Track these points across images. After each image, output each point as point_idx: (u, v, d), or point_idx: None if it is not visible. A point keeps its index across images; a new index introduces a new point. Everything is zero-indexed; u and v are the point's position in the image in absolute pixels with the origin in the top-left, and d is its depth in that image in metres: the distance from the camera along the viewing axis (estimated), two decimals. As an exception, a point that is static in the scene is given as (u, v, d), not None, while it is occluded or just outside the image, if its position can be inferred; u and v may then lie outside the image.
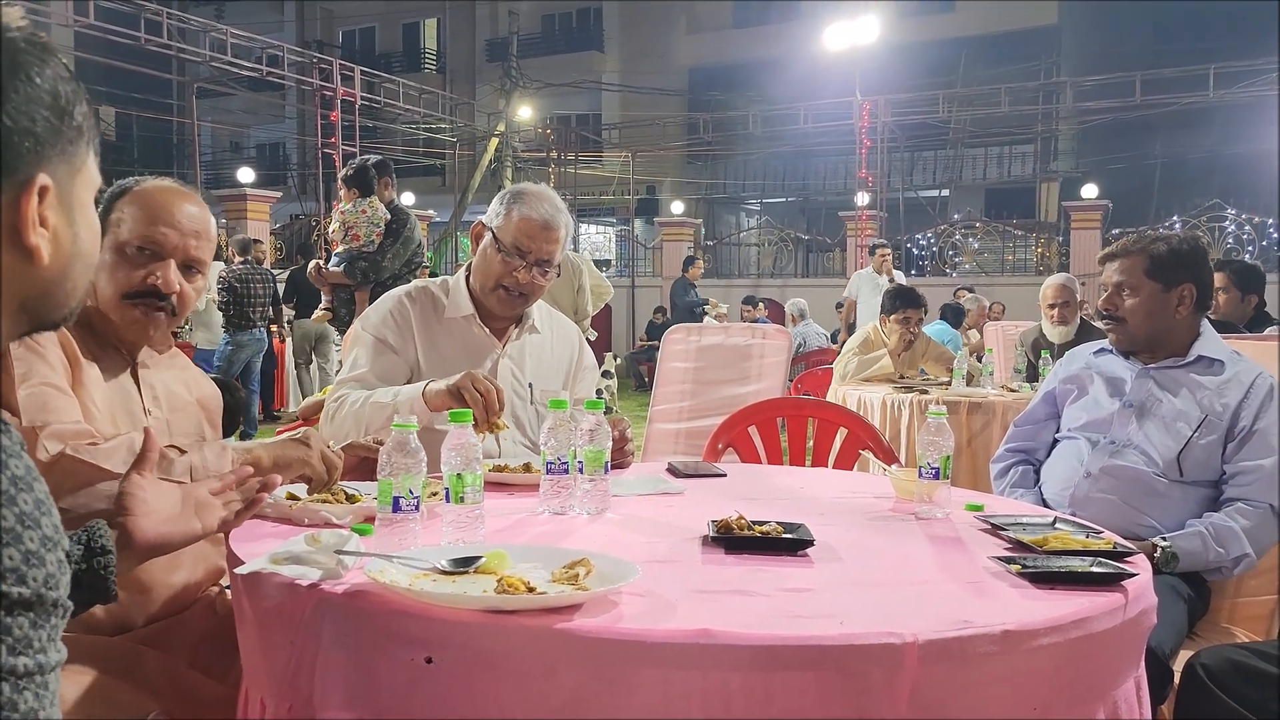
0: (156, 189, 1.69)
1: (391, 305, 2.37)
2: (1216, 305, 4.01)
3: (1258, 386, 2.24)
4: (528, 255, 2.28)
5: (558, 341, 2.53)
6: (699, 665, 1.06)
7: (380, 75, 16.62)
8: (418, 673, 1.13)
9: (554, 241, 2.31)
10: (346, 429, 2.13)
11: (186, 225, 1.67)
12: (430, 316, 2.37)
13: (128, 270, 1.64)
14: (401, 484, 1.39)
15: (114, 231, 1.65)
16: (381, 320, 2.34)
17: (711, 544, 1.51)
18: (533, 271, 2.30)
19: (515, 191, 2.35)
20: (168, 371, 1.80)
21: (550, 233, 2.30)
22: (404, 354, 2.32)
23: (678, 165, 25.52)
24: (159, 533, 1.24)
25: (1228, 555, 2.15)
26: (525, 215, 2.29)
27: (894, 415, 4.28)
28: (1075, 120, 20.20)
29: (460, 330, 2.37)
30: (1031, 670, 1.18)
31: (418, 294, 2.40)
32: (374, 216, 5.47)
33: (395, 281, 5.29)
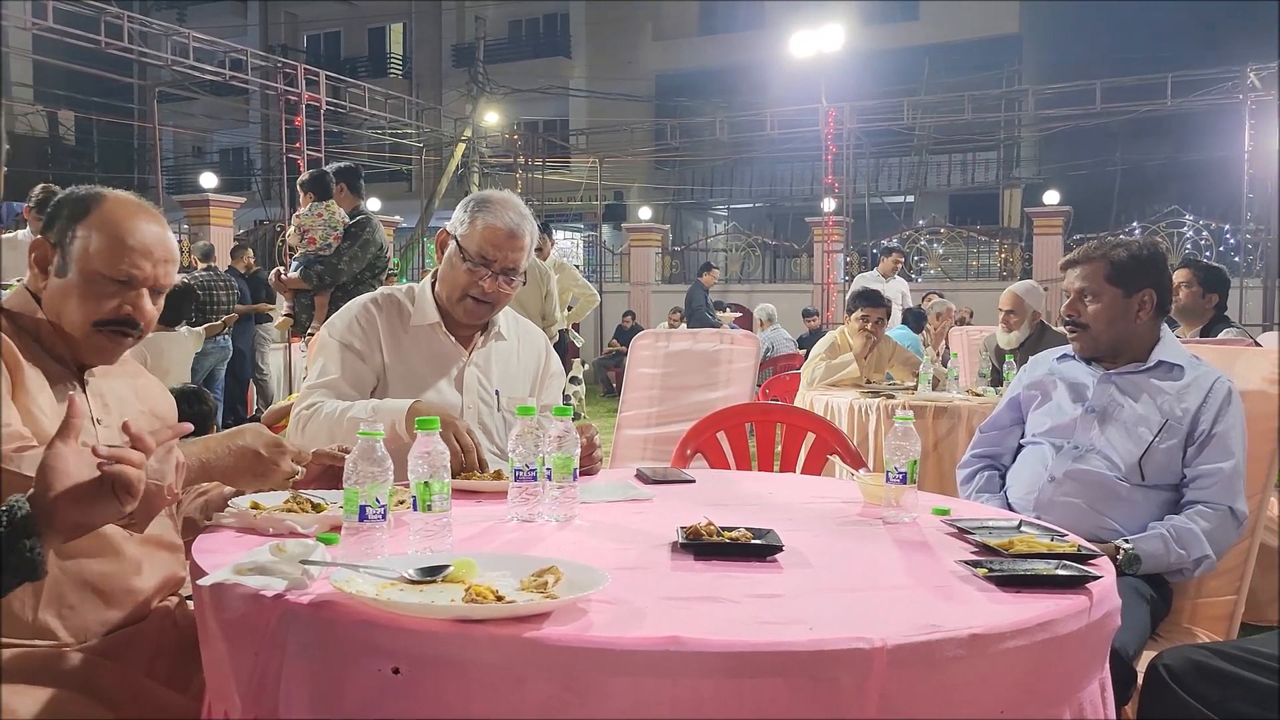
0: (123, 213, 1.66)
1: (357, 312, 2.35)
2: (1177, 299, 4.08)
3: (1216, 391, 2.28)
4: (493, 264, 2.27)
5: (524, 348, 2.52)
6: (669, 673, 1.06)
7: (345, 80, 16.48)
8: (385, 683, 1.11)
9: (519, 250, 2.30)
10: (319, 440, 2.10)
11: (158, 253, 1.67)
12: (396, 324, 2.35)
13: (98, 300, 1.63)
14: (368, 492, 1.37)
15: (83, 258, 1.62)
16: (348, 326, 2.32)
17: (681, 550, 1.51)
18: (499, 280, 2.29)
19: (479, 199, 2.34)
20: (118, 380, 1.76)
21: (515, 241, 2.29)
22: (370, 361, 2.31)
23: (645, 171, 25.55)
24: (81, 510, 1.22)
25: (1189, 557, 2.18)
26: (490, 224, 2.28)
27: (861, 420, 4.30)
28: (1037, 127, 20.44)
29: (426, 338, 2.36)
30: (998, 673, 1.19)
31: (384, 301, 2.38)
32: (331, 220, 5.45)
33: (356, 285, 5.26)
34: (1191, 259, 4.67)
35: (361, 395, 2.28)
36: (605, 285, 18.75)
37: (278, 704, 1.17)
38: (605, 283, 19.01)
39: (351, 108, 16.62)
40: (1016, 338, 4.92)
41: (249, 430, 1.68)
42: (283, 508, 1.64)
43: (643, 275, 18.71)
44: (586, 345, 15.57)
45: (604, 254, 20.46)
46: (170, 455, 1.48)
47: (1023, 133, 21.98)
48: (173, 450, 1.49)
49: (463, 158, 21.10)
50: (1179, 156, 21.21)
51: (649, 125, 22.76)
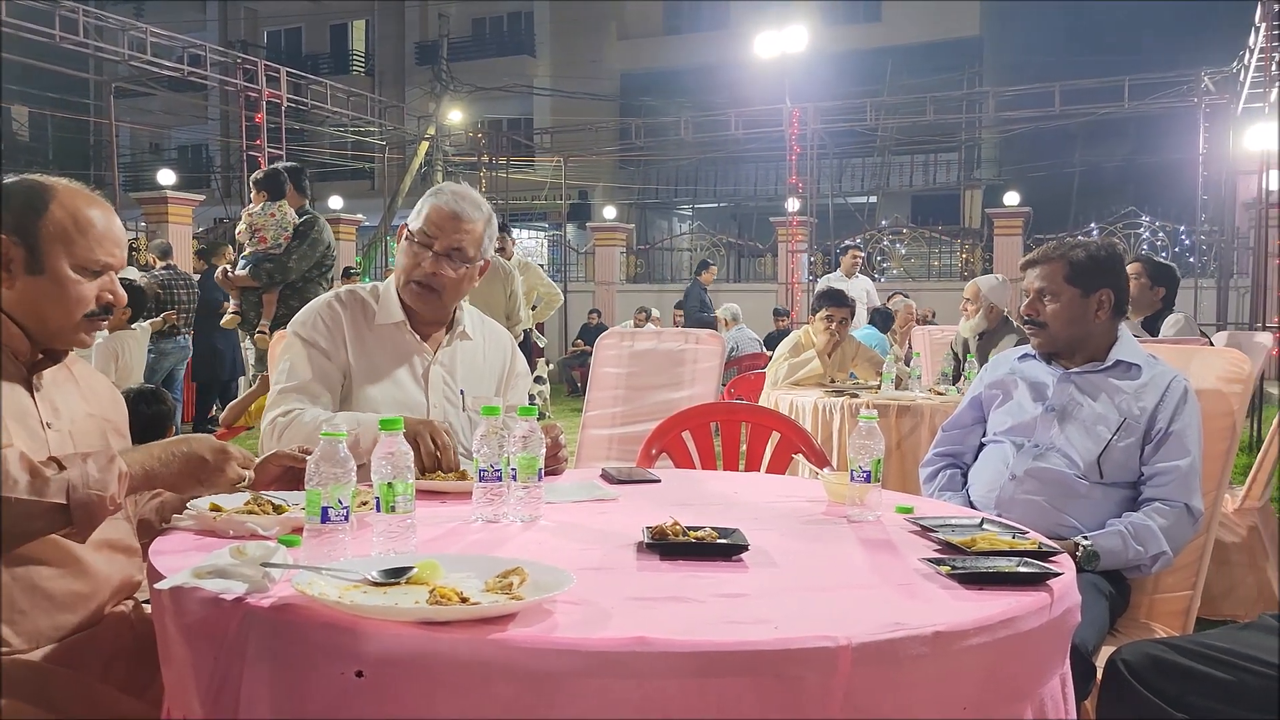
0: (81, 201, 1.66)
1: (321, 310, 2.33)
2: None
3: (1173, 390, 2.31)
4: (433, 243, 2.27)
5: (490, 348, 2.51)
6: (635, 673, 1.06)
7: (307, 77, 16.31)
8: (348, 687, 1.10)
9: (463, 232, 2.28)
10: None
11: (121, 237, 1.72)
12: (360, 322, 2.33)
13: (81, 291, 1.64)
14: (330, 494, 1.36)
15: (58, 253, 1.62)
16: (312, 325, 2.30)
17: (646, 550, 1.50)
18: (441, 262, 2.27)
19: (434, 189, 2.37)
20: (65, 384, 1.74)
21: (459, 223, 2.28)
22: (336, 359, 2.29)
23: (610, 170, 25.54)
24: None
25: (1146, 553, 2.21)
26: (434, 205, 2.30)
27: (825, 419, 4.32)
28: (997, 129, 20.68)
29: (391, 336, 2.34)
30: (961, 670, 1.20)
31: (348, 299, 2.37)
32: (282, 220, 5.42)
33: (305, 284, 5.21)
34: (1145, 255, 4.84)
35: (331, 393, 2.26)
36: (570, 285, 18.72)
37: (238, 708, 1.15)
38: (570, 282, 18.98)
39: (313, 105, 16.45)
40: (976, 324, 5.22)
41: (194, 438, 1.66)
42: (243, 510, 1.62)
43: (608, 275, 18.70)
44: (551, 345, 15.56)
45: (569, 253, 20.42)
46: (112, 465, 1.46)
47: (983, 134, 22.24)
48: (114, 460, 1.48)
49: (426, 156, 20.97)
50: (1135, 159, 21.59)
51: (614, 124, 22.76)
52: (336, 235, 18.18)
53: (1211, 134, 15.09)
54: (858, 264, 9.35)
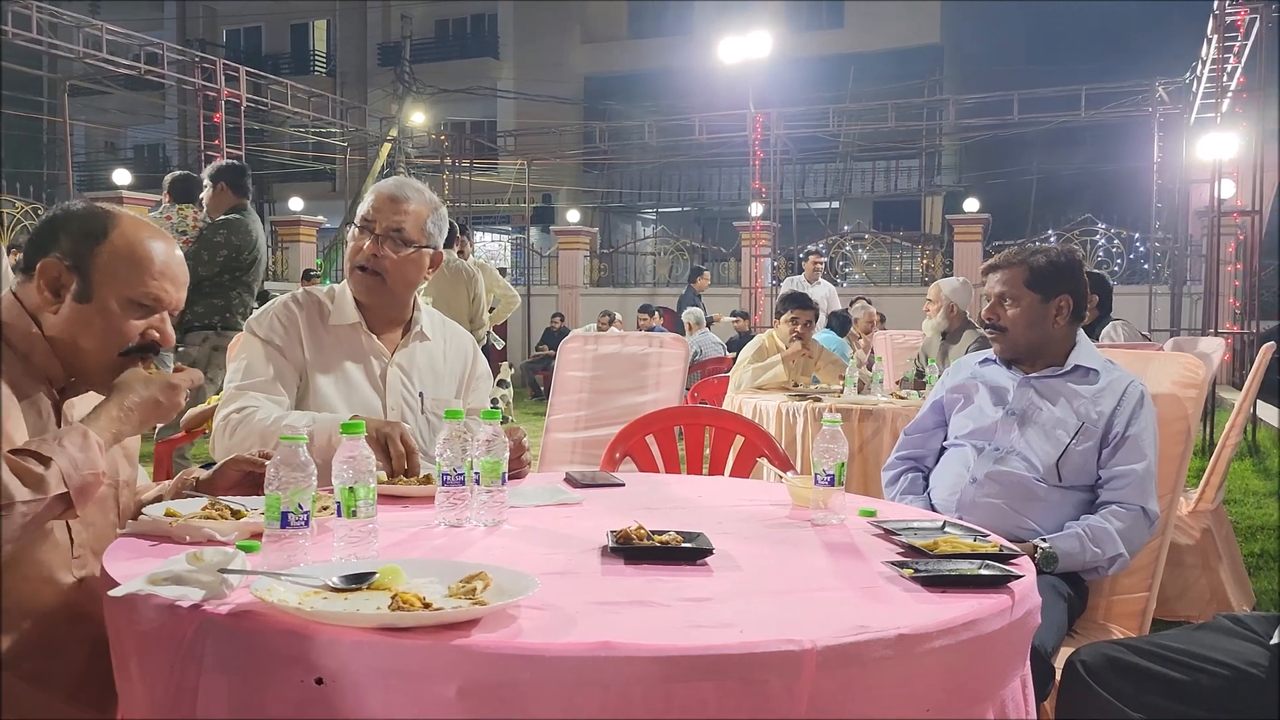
0: (142, 234, 1.65)
1: (278, 310, 2.32)
2: None
3: (1129, 394, 2.35)
4: (373, 224, 2.27)
5: (450, 350, 2.48)
6: (600, 678, 1.05)
7: (267, 76, 16.12)
8: (308, 695, 1.08)
9: (401, 213, 2.29)
10: (250, 445, 2.04)
11: (181, 277, 1.69)
12: (317, 322, 2.32)
13: (124, 326, 1.62)
14: (290, 498, 1.34)
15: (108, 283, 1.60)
16: (269, 325, 2.29)
17: (611, 554, 1.50)
18: (383, 245, 2.27)
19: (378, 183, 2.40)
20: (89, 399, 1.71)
21: (397, 204, 2.29)
22: (293, 358, 2.27)
23: (574, 174, 25.53)
24: None
25: (1104, 555, 2.24)
26: (375, 190, 2.34)
27: (789, 422, 4.34)
28: (957, 136, 20.95)
29: (347, 337, 2.32)
30: (925, 673, 1.20)
31: (304, 299, 2.35)
32: (180, 223, 5.40)
33: (215, 288, 5.11)
34: None
35: (288, 393, 2.23)
36: (533, 288, 18.68)
37: (194, 718, 1.13)
38: (533, 285, 18.94)
39: (273, 105, 16.28)
40: (934, 325, 5.36)
41: (135, 381, 1.61)
42: (200, 515, 1.59)
43: (571, 278, 18.68)
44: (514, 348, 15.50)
45: (532, 256, 20.38)
46: (88, 440, 1.47)
47: (944, 141, 22.50)
48: (87, 435, 1.48)
49: (388, 158, 20.82)
50: (1092, 167, 21.93)
51: (578, 128, 22.75)
52: (296, 237, 18.07)
53: (1166, 143, 15.38)
54: (819, 269, 9.42)
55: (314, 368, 2.27)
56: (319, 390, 2.25)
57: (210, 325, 5.12)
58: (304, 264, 16.86)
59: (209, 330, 5.11)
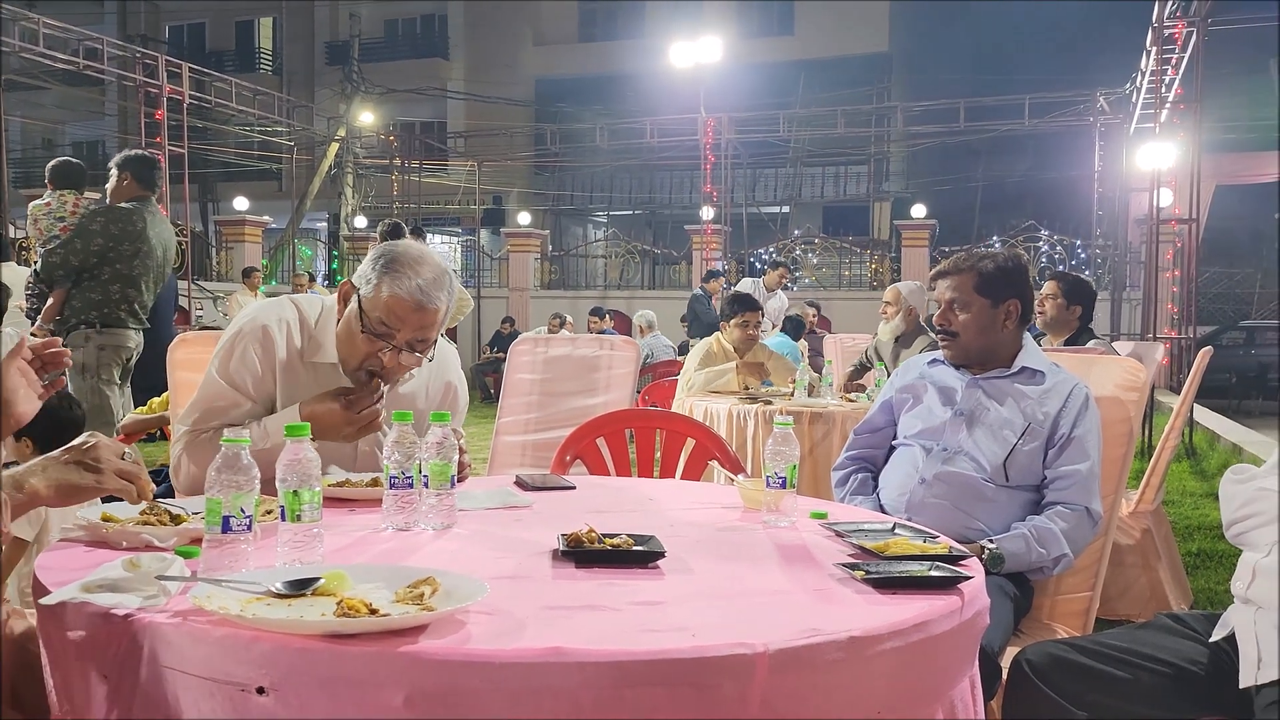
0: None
1: (254, 340, 2.10)
2: (1043, 312, 4.27)
3: (1074, 396, 2.38)
4: (395, 336, 2.00)
5: (433, 381, 2.27)
6: (551, 684, 1.03)
7: (210, 74, 15.83)
8: (249, 705, 1.05)
9: (429, 324, 2.01)
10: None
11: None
12: (293, 354, 2.12)
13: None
14: (232, 502, 1.30)
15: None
16: (240, 360, 2.08)
17: (562, 558, 1.48)
18: (402, 355, 2.02)
19: (390, 256, 2.01)
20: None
21: (424, 315, 1.98)
22: (261, 398, 2.10)
23: (524, 176, 25.43)
24: None
25: (1049, 555, 2.27)
26: (395, 293, 1.96)
27: (740, 425, 4.35)
28: (905, 143, 21.23)
29: (324, 375, 2.11)
30: (876, 674, 1.20)
31: (283, 328, 2.13)
32: (58, 210, 5.24)
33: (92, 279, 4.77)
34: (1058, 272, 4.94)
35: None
36: (483, 290, 18.58)
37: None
38: (483, 288, 18.84)
39: (217, 103, 15.99)
40: (894, 327, 5.40)
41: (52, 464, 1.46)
42: (138, 520, 1.54)
43: (521, 281, 18.60)
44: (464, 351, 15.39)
45: (482, 259, 20.26)
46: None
47: (891, 148, 22.80)
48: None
49: (336, 158, 20.58)
50: (1035, 175, 22.38)
51: (528, 130, 22.66)
52: (241, 237, 17.78)
53: (1106, 152, 15.73)
54: (784, 280, 9.45)
55: (284, 403, 2.10)
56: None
57: (89, 322, 4.78)
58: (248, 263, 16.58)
59: (89, 328, 4.77)
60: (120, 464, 1.46)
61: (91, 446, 1.46)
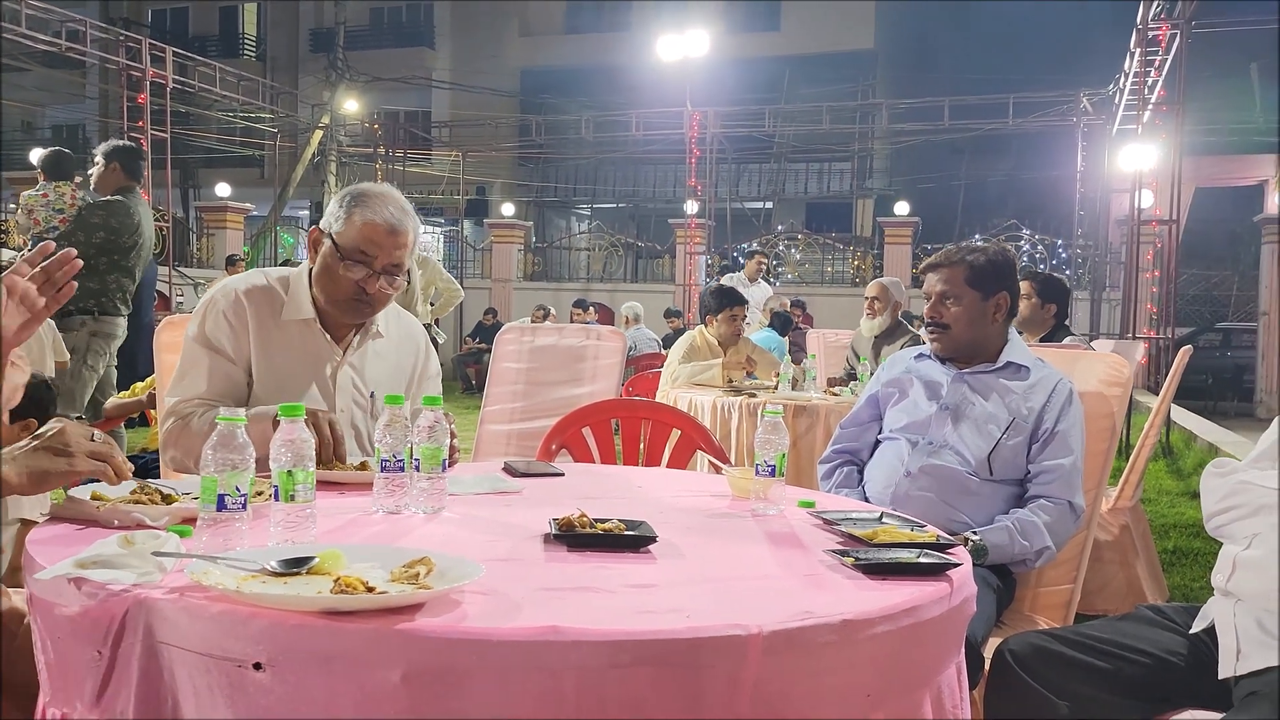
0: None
1: (226, 306, 2.18)
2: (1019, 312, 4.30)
3: (1059, 391, 2.41)
4: (374, 261, 2.12)
5: (403, 346, 2.39)
6: (547, 663, 1.04)
7: (194, 58, 15.68)
8: (245, 681, 1.06)
9: (402, 246, 2.14)
10: (194, 454, 1.96)
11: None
12: (267, 317, 2.19)
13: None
14: (227, 481, 1.30)
15: None
16: (215, 324, 2.16)
17: (554, 542, 1.49)
18: (380, 280, 2.13)
19: (356, 193, 2.18)
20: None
21: (397, 237, 2.13)
22: (239, 359, 2.16)
23: (509, 167, 25.34)
24: None
25: (1031, 548, 2.30)
26: (369, 219, 2.11)
27: (724, 417, 4.37)
28: (889, 140, 21.30)
29: (299, 334, 2.21)
30: (866, 658, 1.22)
31: (255, 293, 2.21)
32: (56, 201, 5.22)
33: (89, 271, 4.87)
34: (1029, 270, 4.96)
35: (234, 401, 2.14)
36: (466, 282, 18.51)
37: (129, 705, 1.09)
38: (466, 279, 18.77)
39: (200, 88, 15.86)
40: (880, 324, 5.42)
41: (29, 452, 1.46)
42: (129, 499, 1.54)
43: (505, 272, 18.57)
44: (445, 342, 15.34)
45: (465, 250, 20.19)
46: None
47: (875, 145, 22.86)
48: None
49: (319, 146, 20.44)
50: (1017, 174, 22.52)
51: (513, 121, 22.60)
52: (223, 224, 17.67)
53: (1089, 153, 15.84)
54: (762, 269, 9.47)
55: (260, 365, 2.17)
56: (262, 391, 2.16)
57: (87, 310, 4.90)
58: (230, 250, 16.48)
59: (86, 315, 4.89)
60: (91, 445, 1.47)
61: (58, 432, 1.46)
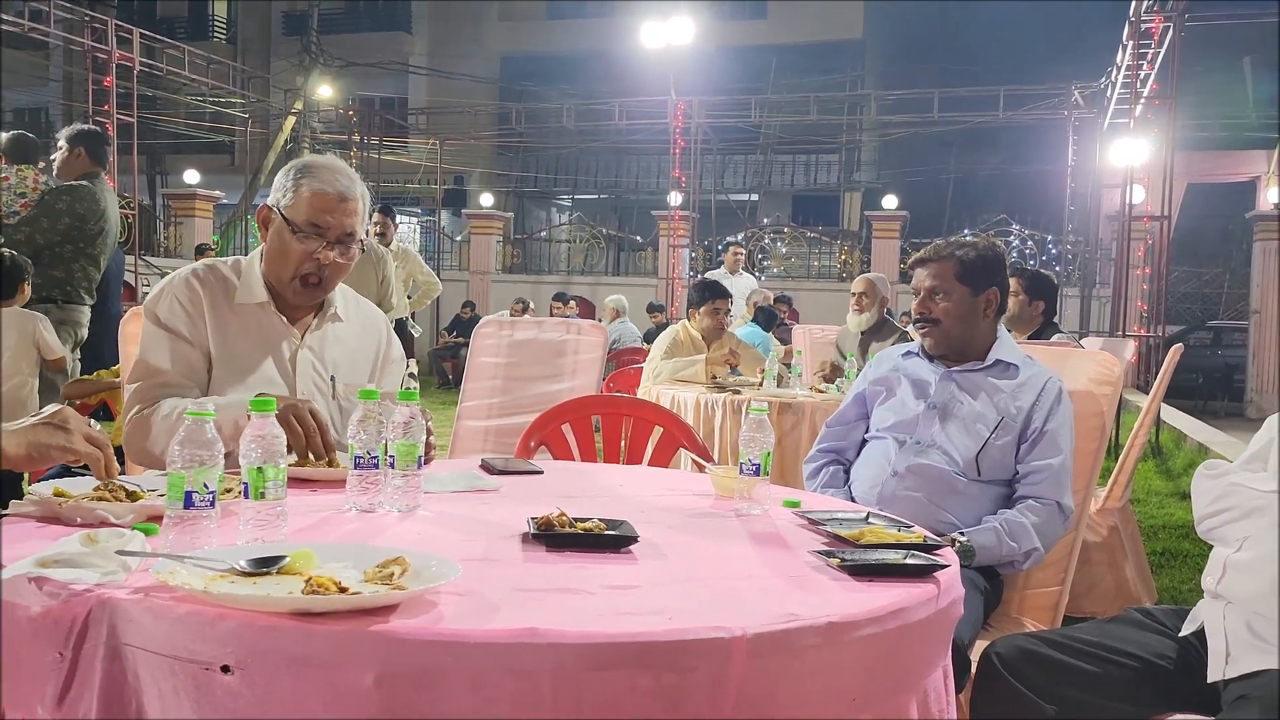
0: None
1: (178, 288, 2.20)
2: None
3: (1048, 390, 2.42)
4: (326, 232, 2.14)
5: (364, 331, 2.42)
6: (525, 665, 1.04)
7: (162, 40, 15.55)
8: (212, 684, 1.05)
9: (352, 214, 2.17)
10: (160, 446, 1.96)
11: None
12: (221, 301, 2.21)
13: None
14: (195, 478, 1.29)
15: None
16: (169, 308, 2.17)
17: (532, 541, 1.49)
18: (334, 250, 2.17)
19: (301, 165, 2.21)
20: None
21: (348, 204, 2.16)
22: (197, 342, 2.17)
23: (487, 156, 25.26)
24: None
25: (1019, 549, 2.31)
26: (317, 189, 2.15)
27: (707, 414, 4.37)
28: (877, 133, 21.38)
29: (253, 317, 2.22)
30: (852, 661, 1.22)
31: (207, 275, 2.23)
32: (18, 185, 5.16)
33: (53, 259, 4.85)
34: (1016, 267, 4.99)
35: (196, 383, 2.15)
36: (443, 274, 18.43)
37: (92, 708, 1.08)
38: (443, 271, 18.70)
39: (169, 71, 15.72)
40: (867, 319, 5.42)
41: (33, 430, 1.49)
42: (92, 496, 1.53)
43: (483, 264, 18.51)
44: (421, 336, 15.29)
45: (442, 241, 20.12)
46: None
47: (864, 137, 22.92)
48: None
49: (292, 132, 20.30)
50: (1007, 168, 22.63)
51: (493, 109, 22.53)
52: (191, 212, 17.51)
53: (1079, 147, 15.95)
54: (740, 260, 9.51)
55: (217, 351, 2.17)
56: (222, 377, 2.17)
57: (50, 299, 4.86)
58: (199, 240, 16.35)
59: (49, 304, 4.84)
60: (89, 430, 1.50)
61: (59, 411, 1.50)
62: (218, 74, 17.41)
